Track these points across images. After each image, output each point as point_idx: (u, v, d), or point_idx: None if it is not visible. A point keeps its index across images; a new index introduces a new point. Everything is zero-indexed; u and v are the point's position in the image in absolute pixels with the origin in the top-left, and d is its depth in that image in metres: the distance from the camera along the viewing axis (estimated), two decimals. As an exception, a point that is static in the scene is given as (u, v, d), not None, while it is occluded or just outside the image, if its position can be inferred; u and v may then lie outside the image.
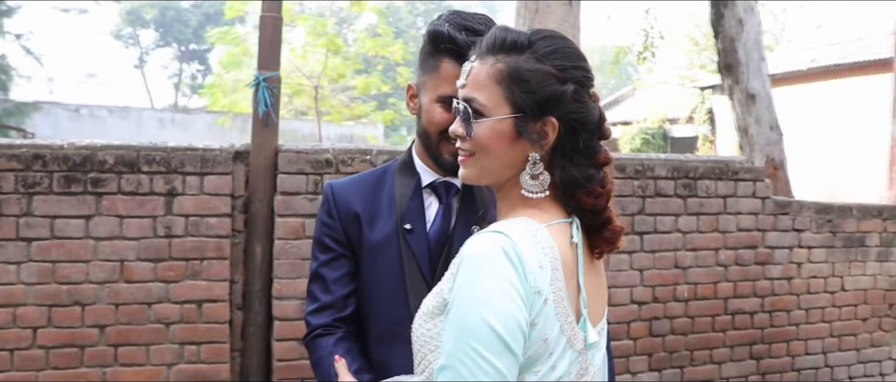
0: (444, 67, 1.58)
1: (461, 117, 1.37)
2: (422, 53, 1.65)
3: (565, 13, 4.93)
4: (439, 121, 1.59)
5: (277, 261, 3.36)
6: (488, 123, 1.33)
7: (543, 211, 1.34)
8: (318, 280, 1.67)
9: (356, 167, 3.45)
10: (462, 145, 1.38)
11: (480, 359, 1.17)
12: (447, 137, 1.57)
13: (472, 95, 1.35)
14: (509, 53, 1.34)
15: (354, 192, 1.69)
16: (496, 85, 1.33)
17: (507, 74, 1.33)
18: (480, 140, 1.34)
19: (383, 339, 1.62)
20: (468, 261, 1.24)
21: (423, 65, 1.65)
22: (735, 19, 9.17)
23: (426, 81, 1.63)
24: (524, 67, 1.33)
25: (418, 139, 1.68)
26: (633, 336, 4.08)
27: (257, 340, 3.41)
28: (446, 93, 1.56)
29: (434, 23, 1.61)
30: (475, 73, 1.36)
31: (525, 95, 1.31)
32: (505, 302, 1.20)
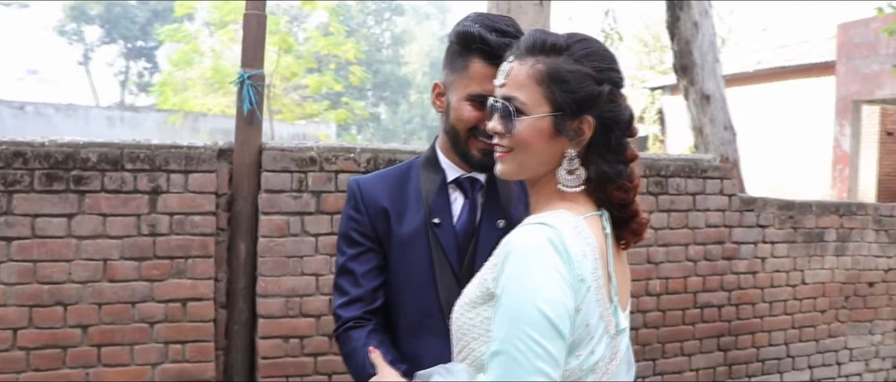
0: (474, 66, 1.63)
1: (501, 115, 1.42)
2: (449, 53, 1.70)
3: (537, 14, 5.00)
4: (468, 118, 1.63)
5: (262, 259, 3.36)
6: (529, 120, 1.39)
7: (578, 204, 1.41)
8: (346, 274, 1.69)
9: (340, 165, 3.47)
10: (500, 142, 1.43)
11: (534, 344, 1.22)
12: (475, 134, 1.62)
13: (513, 93, 1.41)
14: (548, 55, 1.40)
15: (381, 187, 1.73)
16: (536, 85, 1.39)
17: (548, 75, 1.39)
18: (520, 137, 1.40)
19: (412, 331, 1.66)
20: (516, 252, 1.29)
21: (451, 64, 1.69)
22: (690, 22, 9.39)
23: (455, 80, 1.67)
24: (564, 67, 1.39)
25: (445, 136, 1.73)
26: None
27: (241, 338, 3.40)
28: (476, 91, 1.61)
29: (463, 24, 1.66)
30: (515, 73, 1.42)
31: (565, 94, 1.38)
32: (554, 290, 1.26)
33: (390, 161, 3.56)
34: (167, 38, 21.42)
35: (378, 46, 43.91)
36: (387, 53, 45.96)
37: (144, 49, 36.39)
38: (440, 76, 1.75)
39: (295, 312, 3.41)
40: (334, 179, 3.46)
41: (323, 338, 3.46)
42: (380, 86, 42.28)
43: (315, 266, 3.44)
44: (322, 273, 3.45)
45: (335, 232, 3.46)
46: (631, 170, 1.45)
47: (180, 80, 20.42)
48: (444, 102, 1.71)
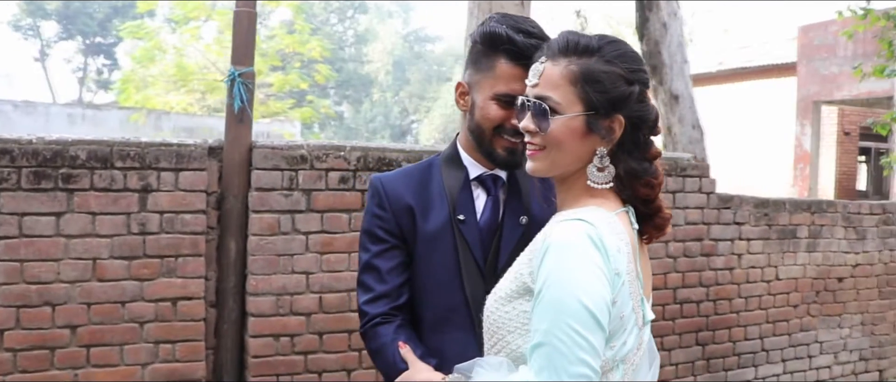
0: (501, 66, 1.65)
1: (534, 114, 1.45)
2: (473, 53, 1.72)
3: (517, 13, 5.05)
4: (494, 117, 1.66)
5: (252, 257, 3.34)
6: (562, 119, 1.43)
7: (607, 200, 1.45)
8: (371, 271, 1.71)
9: (330, 163, 3.47)
10: (532, 140, 1.47)
11: (577, 335, 1.26)
12: (501, 132, 1.65)
13: (547, 93, 1.44)
14: (581, 56, 1.44)
15: (405, 185, 1.74)
16: (570, 85, 1.43)
17: (581, 75, 1.43)
18: (554, 136, 1.43)
19: (437, 326, 1.69)
20: (556, 247, 1.32)
21: (476, 64, 1.72)
22: (660, 23, 9.51)
23: (481, 79, 1.70)
24: (597, 68, 1.43)
25: (468, 135, 1.75)
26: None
27: (231, 337, 3.38)
28: (502, 91, 1.64)
29: (488, 25, 1.68)
30: (548, 73, 1.45)
31: (598, 94, 1.42)
32: (595, 283, 1.30)
33: (380, 159, 3.57)
34: (128, 35, 21.09)
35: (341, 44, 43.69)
36: (350, 51, 45.78)
37: (103, 46, 35.72)
38: (463, 76, 1.77)
39: (285, 310, 3.40)
40: (324, 177, 3.46)
41: (313, 336, 3.46)
42: (342, 84, 42.07)
43: (305, 264, 3.44)
44: (312, 271, 3.45)
45: (325, 230, 3.47)
46: (655, 167, 1.50)
47: (141, 77, 20.12)
48: (469, 102, 1.74)
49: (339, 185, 3.49)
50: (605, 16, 25.94)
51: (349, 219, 3.52)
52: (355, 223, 3.53)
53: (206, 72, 19.59)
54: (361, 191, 3.54)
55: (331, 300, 3.50)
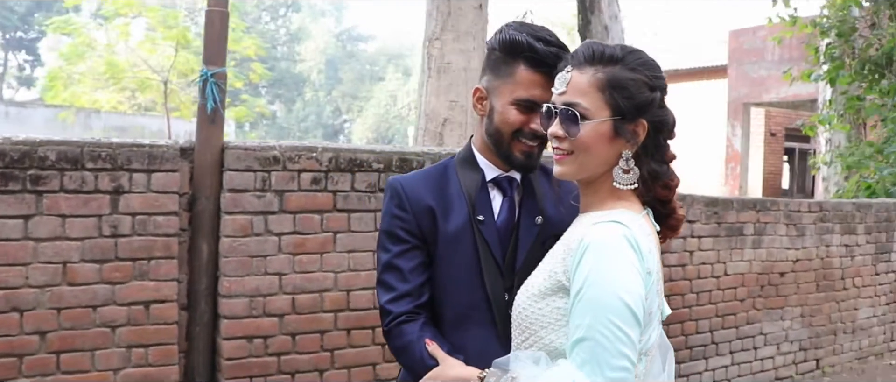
0: (520, 72, 1.70)
1: (563, 120, 1.52)
2: (492, 59, 1.77)
3: (476, 16, 5.13)
4: (514, 121, 1.71)
5: (225, 259, 3.31)
6: (591, 125, 1.50)
7: (631, 203, 1.53)
8: (393, 270, 1.74)
9: (302, 164, 3.46)
10: (560, 145, 1.53)
11: (618, 330, 1.35)
12: (519, 136, 1.70)
13: (575, 100, 1.51)
14: (606, 65, 1.52)
15: (424, 187, 1.78)
16: (598, 92, 1.51)
17: (608, 82, 1.50)
18: (582, 140, 1.50)
19: (459, 323, 1.73)
20: (595, 247, 1.40)
21: (494, 70, 1.76)
22: (601, 26, 9.73)
23: (500, 85, 1.74)
24: (622, 76, 1.51)
25: (485, 138, 1.79)
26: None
27: (203, 340, 3.35)
28: (522, 96, 1.70)
29: (507, 32, 1.73)
30: (575, 81, 1.52)
31: (624, 100, 1.50)
32: (632, 282, 1.39)
33: (351, 161, 3.58)
34: (54, 30, 20.37)
35: (274, 43, 43.14)
36: (282, 50, 45.23)
37: (25, 41, 34.40)
38: (480, 81, 1.82)
39: (259, 312, 3.38)
40: (297, 178, 3.45)
41: (286, 337, 3.45)
42: (275, 83, 41.55)
43: (278, 266, 3.42)
44: (285, 272, 3.44)
45: (298, 231, 3.47)
46: (672, 169, 1.59)
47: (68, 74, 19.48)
48: (487, 106, 1.78)
49: (311, 186, 3.49)
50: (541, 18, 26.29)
51: (321, 220, 3.53)
52: (327, 224, 3.54)
53: (137, 69, 19.09)
54: (333, 192, 3.55)
55: (303, 300, 3.49)
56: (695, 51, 19.42)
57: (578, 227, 1.53)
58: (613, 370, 1.33)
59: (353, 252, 3.62)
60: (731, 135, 16.02)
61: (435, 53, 5.08)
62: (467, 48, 5.11)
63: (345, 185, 3.58)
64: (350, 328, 3.63)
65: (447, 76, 5.06)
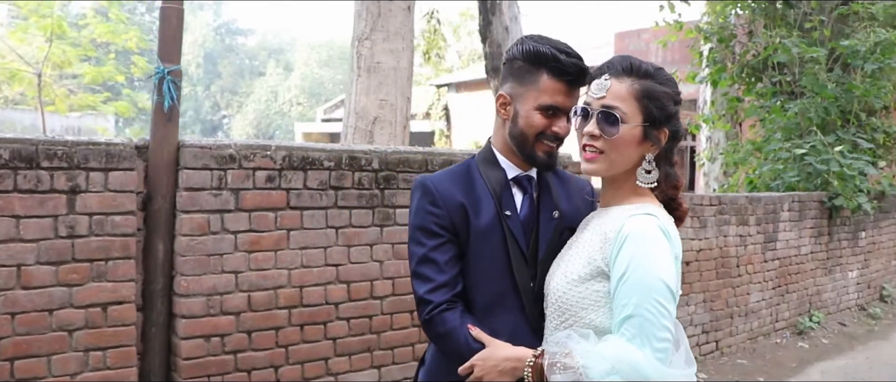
0: (544, 81, 1.86)
1: (602, 121, 1.70)
2: (515, 68, 1.92)
3: (405, 17, 5.24)
4: (538, 125, 1.87)
5: (182, 258, 3.29)
6: (627, 128, 1.70)
7: (650, 198, 1.73)
8: (429, 263, 1.84)
9: (257, 162, 3.48)
10: (594, 143, 1.71)
11: (661, 307, 1.56)
12: (542, 138, 1.86)
13: (614, 104, 1.70)
14: (641, 77, 1.72)
15: (453, 185, 1.90)
16: (635, 100, 1.71)
17: (644, 93, 1.71)
18: (617, 141, 1.70)
19: (489, 309, 1.87)
20: (635, 236, 1.59)
21: (518, 78, 1.91)
22: (502, 27, 10.04)
23: (524, 92, 1.89)
24: (656, 88, 1.72)
25: (508, 140, 1.94)
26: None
27: (159, 340, 3.31)
28: (547, 103, 1.86)
29: (530, 44, 1.88)
30: (615, 88, 1.71)
31: (657, 109, 1.71)
32: (669, 265, 1.60)
33: (304, 159, 3.62)
34: None
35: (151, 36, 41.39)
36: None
37: None
38: (503, 88, 1.96)
39: (216, 310, 3.37)
40: (252, 176, 3.47)
41: (242, 335, 3.46)
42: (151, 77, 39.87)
43: (235, 264, 3.43)
44: (241, 270, 3.45)
45: (253, 229, 3.48)
46: (678, 172, 1.80)
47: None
48: (510, 111, 1.92)
49: (266, 184, 3.51)
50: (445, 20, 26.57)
51: (275, 217, 3.55)
52: (281, 222, 3.57)
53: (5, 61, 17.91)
54: (286, 190, 3.58)
55: (259, 298, 3.51)
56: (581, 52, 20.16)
57: (609, 219, 1.71)
58: (659, 341, 1.54)
59: (305, 249, 3.67)
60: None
61: (365, 52, 5.14)
62: (397, 48, 5.20)
63: (297, 183, 3.62)
64: (303, 324, 3.67)
65: (377, 75, 5.14)
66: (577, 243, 1.79)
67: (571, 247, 1.80)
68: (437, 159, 4.19)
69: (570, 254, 1.77)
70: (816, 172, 7.38)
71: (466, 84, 22.23)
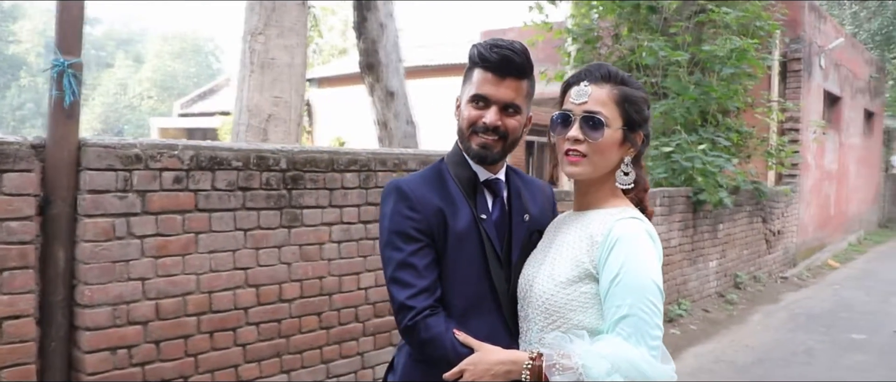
0: (475, 74, 1.92)
1: (586, 125, 1.76)
2: (464, 73, 1.99)
3: (300, 12, 5.11)
4: (470, 116, 1.92)
5: (86, 266, 3.06)
6: (609, 132, 1.76)
7: (627, 202, 1.81)
8: (408, 268, 1.82)
9: (164, 163, 3.30)
10: (577, 147, 1.77)
11: (653, 307, 1.64)
12: (475, 130, 1.89)
13: (597, 109, 1.77)
14: (618, 84, 1.80)
15: (429, 188, 1.89)
16: (614, 105, 1.78)
17: (623, 98, 1.79)
18: (600, 144, 1.76)
19: (468, 313, 1.87)
20: (626, 239, 1.65)
21: (463, 80, 1.98)
22: (377, 23, 10.00)
23: (464, 90, 1.96)
24: (633, 93, 1.81)
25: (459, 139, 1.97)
26: (393, 313, 4.51)
27: (60, 356, 3.07)
28: (474, 92, 1.92)
29: (471, 49, 1.94)
30: (595, 94, 1.78)
31: (635, 113, 1.79)
32: (657, 267, 1.69)
33: (212, 158, 3.47)
34: None
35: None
36: (-8, 29, 40.14)
37: None
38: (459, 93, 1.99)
39: (122, 320, 3.17)
40: (159, 177, 3.28)
41: (150, 345, 3.27)
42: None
43: (142, 270, 3.23)
44: (148, 277, 3.26)
45: (160, 233, 3.31)
46: (645, 175, 1.89)
47: None
48: (460, 113, 1.97)
49: (174, 185, 3.34)
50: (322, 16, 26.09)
51: (183, 220, 3.38)
52: (189, 225, 3.40)
53: None
54: (194, 191, 3.42)
55: (167, 305, 3.33)
56: (447, 48, 20.43)
57: (594, 222, 1.76)
58: (653, 339, 1.61)
59: (214, 253, 3.52)
60: (480, 129, 17.17)
61: (258, 47, 4.97)
62: (291, 44, 5.07)
63: (205, 184, 3.46)
64: (212, 331, 3.52)
65: (271, 72, 4.98)
66: (556, 245, 1.83)
67: (551, 249, 1.83)
68: (342, 159, 4.14)
69: (553, 256, 1.80)
70: (682, 168, 7.86)
71: (330, 80, 21.98)
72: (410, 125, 9.63)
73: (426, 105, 18.40)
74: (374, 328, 4.38)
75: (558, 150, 1.85)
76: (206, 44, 49.18)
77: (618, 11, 9.97)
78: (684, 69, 8.60)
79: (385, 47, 9.85)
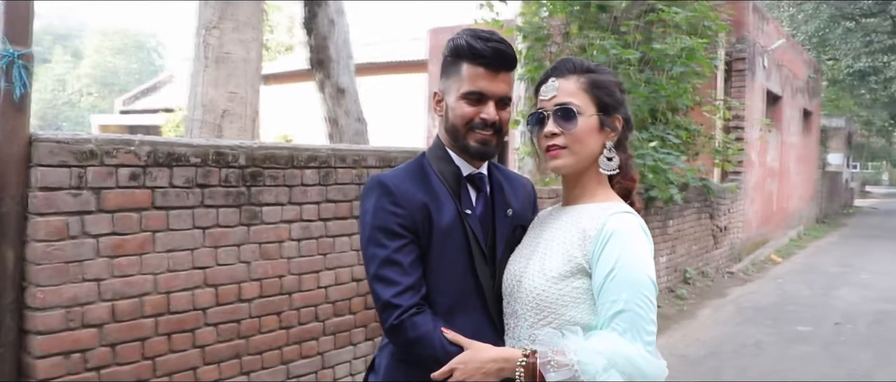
0: (464, 69, 1.87)
1: (559, 118, 1.74)
2: (445, 65, 1.93)
3: (254, 7, 5.00)
4: (465, 114, 1.87)
5: (37, 267, 2.93)
6: (584, 119, 1.76)
7: (615, 196, 1.80)
8: (393, 265, 1.76)
9: (120, 159, 3.18)
10: (555, 141, 1.75)
11: (648, 301, 1.63)
12: (472, 127, 1.85)
13: (567, 100, 1.78)
14: (584, 73, 1.81)
15: (412, 183, 1.84)
16: (584, 93, 1.79)
17: (592, 84, 1.80)
18: (577, 133, 1.76)
19: (453, 310, 1.83)
20: (620, 234, 1.63)
21: (446, 72, 1.93)
22: (327, 19, 9.89)
23: (451, 84, 1.90)
24: (601, 79, 1.82)
25: (447, 135, 1.92)
26: (354, 311, 4.44)
27: (9, 362, 2.92)
28: (467, 89, 1.86)
29: (453, 40, 1.89)
30: (563, 86, 1.79)
31: (607, 97, 1.79)
32: (650, 261, 1.68)
33: (170, 154, 3.36)
34: None
35: None
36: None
37: None
38: (438, 86, 1.95)
39: (76, 323, 3.04)
40: (115, 173, 3.16)
41: (106, 349, 3.15)
42: None
43: (96, 271, 3.11)
44: (103, 278, 3.13)
45: (116, 232, 3.19)
46: (633, 165, 1.87)
47: None
48: (443, 107, 1.92)
49: (130, 182, 3.22)
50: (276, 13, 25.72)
51: (140, 218, 3.26)
52: (146, 223, 3.29)
53: None
54: (151, 188, 3.30)
55: (123, 307, 3.21)
56: (392, 46, 20.35)
57: (585, 217, 1.74)
58: (648, 334, 1.60)
59: (171, 252, 3.41)
60: (431, 125, 17.15)
61: (213, 42, 4.84)
62: (247, 38, 4.95)
63: (163, 180, 3.35)
64: (170, 333, 3.41)
65: (226, 66, 4.86)
66: (546, 239, 1.80)
67: (540, 244, 1.81)
68: (301, 155, 4.06)
69: (543, 251, 1.77)
70: (634, 165, 7.94)
71: (277, 76, 21.70)
72: (361, 123, 9.56)
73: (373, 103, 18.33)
74: (334, 328, 4.31)
75: (540, 149, 1.84)
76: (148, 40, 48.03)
77: (568, 10, 10.04)
78: (635, 68, 8.70)
79: (335, 43, 9.75)
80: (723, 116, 10.77)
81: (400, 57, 18.71)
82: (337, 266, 4.30)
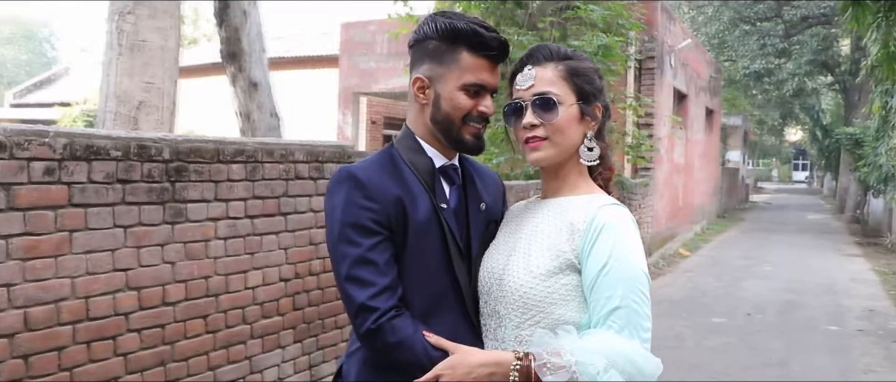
0: (465, 58, 1.74)
1: (538, 108, 1.68)
2: (428, 48, 1.77)
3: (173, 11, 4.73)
4: (464, 106, 1.75)
5: (-60, 272, 2.65)
6: (563, 109, 1.69)
7: (597, 188, 1.72)
8: (367, 264, 1.63)
9: (34, 152, 2.91)
10: (536, 132, 1.69)
11: (644, 297, 1.57)
12: (468, 120, 1.74)
13: (546, 89, 1.69)
14: (562, 60, 1.73)
15: (385, 176, 1.72)
16: (563, 81, 1.71)
17: (570, 72, 1.72)
18: (558, 124, 1.68)
19: (431, 311, 1.71)
20: (611, 228, 1.58)
21: (435, 58, 1.76)
22: (240, 11, 9.58)
23: (445, 72, 1.75)
24: (580, 66, 1.74)
25: (431, 126, 1.79)
26: (282, 312, 4.26)
27: None
28: (470, 81, 1.74)
29: (444, 21, 1.75)
30: (541, 75, 1.71)
31: (587, 85, 1.72)
32: (642, 254, 1.62)
33: (88, 147, 3.11)
34: None
35: None
36: None
37: None
38: (419, 70, 1.79)
39: (-16, 333, 2.77)
40: (27, 168, 2.89)
41: (18, 361, 2.88)
42: None
43: (8, 275, 2.83)
44: (15, 283, 2.86)
45: (29, 232, 2.92)
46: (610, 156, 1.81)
47: None
48: (430, 95, 1.77)
49: (44, 177, 2.95)
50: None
51: (55, 217, 3.00)
52: (62, 222, 3.03)
53: None
54: (68, 183, 3.05)
55: (37, 314, 2.94)
56: (304, 40, 19.96)
57: (571, 210, 1.66)
58: (645, 331, 1.55)
59: (90, 253, 3.15)
60: (342, 122, 16.89)
61: (127, 28, 4.53)
62: (164, 26, 4.66)
63: (81, 176, 3.10)
64: (90, 341, 3.16)
65: (142, 55, 4.56)
66: (527, 234, 1.70)
67: (520, 239, 1.71)
68: (228, 149, 3.85)
69: (526, 247, 1.67)
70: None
71: (182, 70, 20.92)
72: (274, 118, 9.31)
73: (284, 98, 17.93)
74: (262, 330, 4.12)
75: (518, 141, 1.76)
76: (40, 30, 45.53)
77: (484, 6, 10.03)
78: (553, 64, 8.76)
79: (248, 36, 9.47)
80: (635, 113, 11.00)
81: (311, 51, 18.35)
82: (264, 266, 4.11)
